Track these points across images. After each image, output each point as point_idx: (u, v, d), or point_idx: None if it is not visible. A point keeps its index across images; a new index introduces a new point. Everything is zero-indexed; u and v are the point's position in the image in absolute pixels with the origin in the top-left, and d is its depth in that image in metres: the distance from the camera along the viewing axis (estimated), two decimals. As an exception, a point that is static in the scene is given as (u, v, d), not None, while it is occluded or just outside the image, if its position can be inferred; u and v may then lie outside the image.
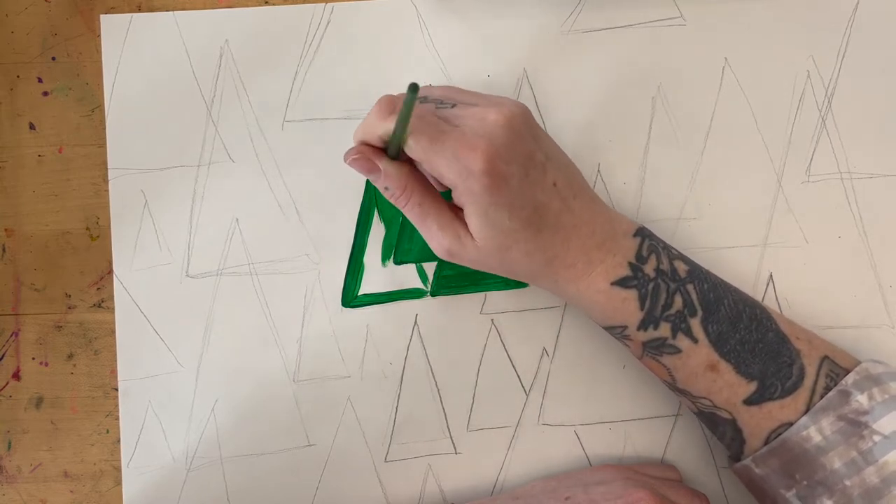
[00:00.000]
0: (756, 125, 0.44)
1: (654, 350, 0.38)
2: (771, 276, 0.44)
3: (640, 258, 0.38)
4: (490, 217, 0.36)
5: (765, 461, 0.37)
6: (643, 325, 0.37)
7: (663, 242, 0.39)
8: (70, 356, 0.45)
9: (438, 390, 0.44)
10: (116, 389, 0.44)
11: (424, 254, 0.44)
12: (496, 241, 0.36)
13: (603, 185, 0.44)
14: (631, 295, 0.37)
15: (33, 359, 0.45)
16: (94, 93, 0.45)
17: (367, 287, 0.44)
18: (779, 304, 0.44)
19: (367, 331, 0.44)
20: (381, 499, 0.44)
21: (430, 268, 0.44)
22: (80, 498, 0.45)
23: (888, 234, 0.44)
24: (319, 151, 0.45)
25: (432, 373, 0.44)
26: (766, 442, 0.37)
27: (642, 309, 0.37)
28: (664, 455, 0.44)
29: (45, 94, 0.45)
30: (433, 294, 0.44)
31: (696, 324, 0.37)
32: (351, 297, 0.44)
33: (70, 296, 0.45)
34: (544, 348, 0.44)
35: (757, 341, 0.37)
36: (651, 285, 0.37)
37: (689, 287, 0.37)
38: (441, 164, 0.35)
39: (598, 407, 0.44)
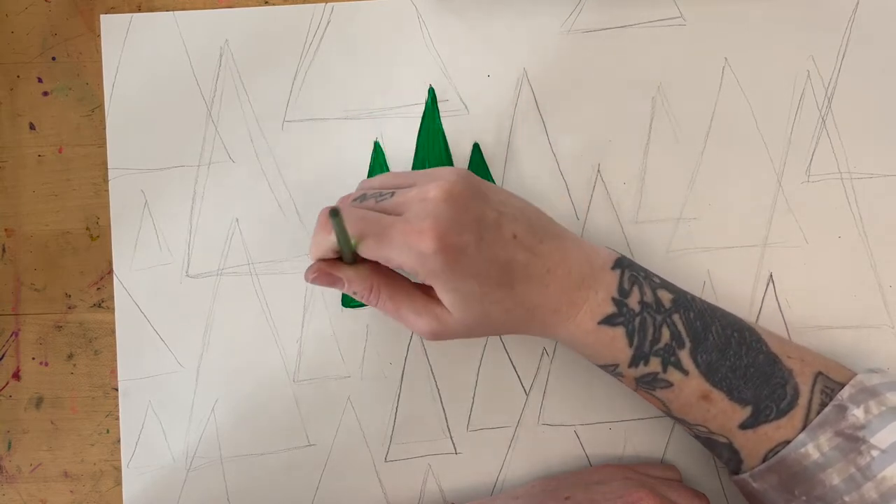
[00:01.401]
0: (756, 125, 0.44)
1: (647, 385, 0.38)
2: (771, 276, 0.44)
3: (623, 292, 0.37)
4: (460, 291, 0.36)
5: (763, 477, 0.37)
6: (633, 363, 0.37)
7: (644, 271, 0.39)
8: (70, 356, 0.45)
9: (438, 390, 0.44)
10: (116, 389, 0.44)
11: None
12: (473, 310, 0.36)
13: (603, 185, 0.44)
14: (619, 333, 0.37)
15: (33, 359, 0.45)
16: (94, 93, 0.45)
17: (367, 287, 0.44)
18: (779, 304, 0.44)
19: (367, 331, 0.44)
20: (381, 499, 0.44)
21: (430, 268, 0.44)
22: (80, 498, 0.45)
23: (888, 234, 0.44)
24: (319, 151, 0.45)
25: (432, 373, 0.44)
26: (764, 460, 0.37)
27: (631, 346, 0.37)
28: (664, 455, 0.44)
29: (45, 94, 0.45)
30: (433, 294, 0.44)
31: (685, 355, 0.37)
32: (351, 297, 0.44)
33: (70, 296, 0.45)
34: (544, 348, 0.44)
35: (748, 366, 0.37)
36: (637, 320, 0.37)
37: (676, 317, 0.37)
38: (395, 256, 0.35)
39: (598, 407, 0.44)
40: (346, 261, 0.38)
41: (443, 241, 0.34)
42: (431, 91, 0.45)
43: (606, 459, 0.44)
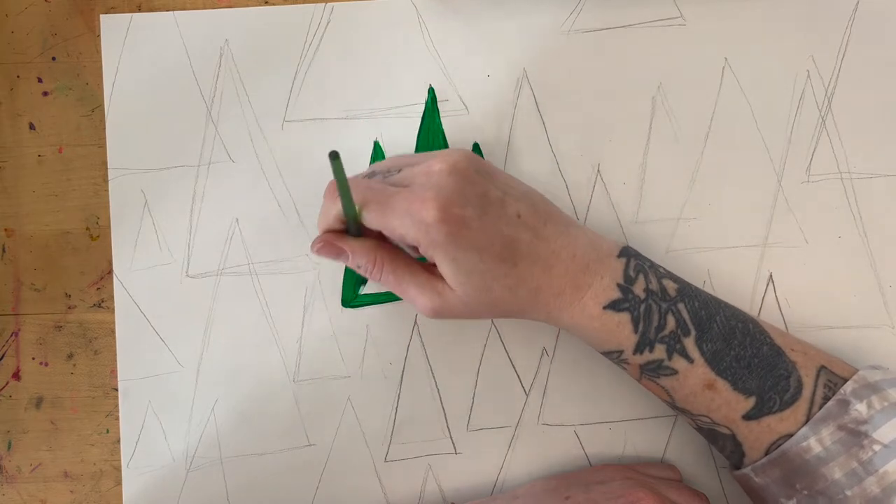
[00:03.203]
0: (756, 125, 0.44)
1: (652, 373, 0.38)
2: (771, 276, 0.44)
3: (629, 279, 0.37)
4: (461, 263, 0.36)
5: (765, 471, 0.37)
6: (638, 349, 0.37)
7: (650, 261, 0.39)
8: (70, 356, 0.45)
9: (438, 390, 0.44)
10: (116, 389, 0.44)
11: (424, 254, 0.44)
12: (474, 284, 0.36)
13: (603, 185, 0.44)
14: (624, 318, 0.37)
15: (33, 359, 0.45)
16: (94, 93, 0.45)
17: (366, 287, 0.44)
18: (779, 304, 0.44)
19: (367, 331, 0.44)
20: (381, 499, 0.44)
21: (430, 268, 0.44)
22: (80, 498, 0.45)
23: (888, 234, 0.44)
24: (319, 151, 0.45)
25: (432, 373, 0.44)
26: (767, 453, 0.37)
27: (636, 332, 0.37)
28: (664, 455, 0.44)
29: (45, 94, 0.45)
30: (433, 294, 0.44)
31: (690, 343, 0.37)
32: (351, 297, 0.44)
33: (70, 296, 0.45)
34: (544, 348, 0.44)
35: (752, 356, 0.37)
36: (643, 307, 0.37)
37: (681, 306, 0.37)
38: (397, 225, 0.35)
39: (598, 407, 0.44)
40: (350, 233, 0.38)
41: (445, 212, 0.35)
42: (431, 91, 0.45)
43: (606, 459, 0.44)
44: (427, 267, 0.38)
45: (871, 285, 0.44)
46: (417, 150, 0.45)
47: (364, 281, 0.44)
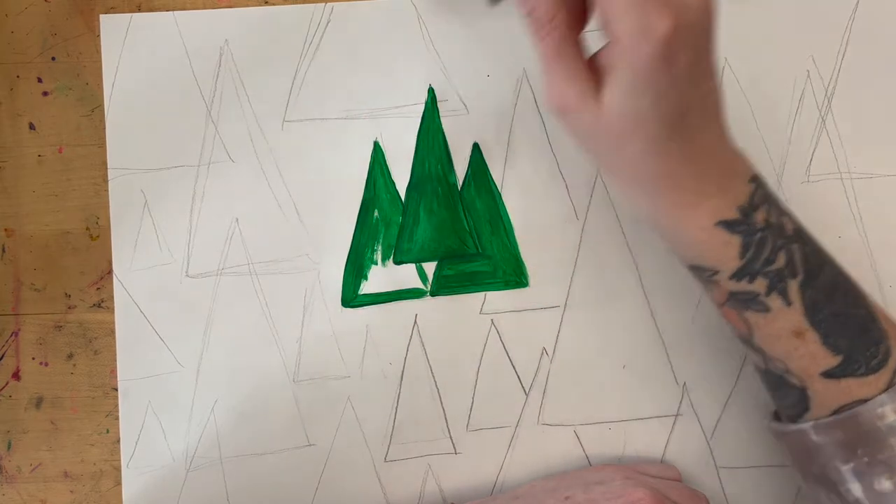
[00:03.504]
0: (756, 125, 0.44)
1: (741, 303, 0.36)
2: (771, 276, 0.44)
3: (752, 205, 0.35)
4: (637, 91, 0.31)
5: (827, 430, 0.35)
6: (738, 275, 0.35)
7: (775, 194, 0.37)
8: (70, 356, 0.45)
9: (438, 390, 0.44)
10: (116, 389, 0.44)
11: (424, 254, 0.44)
12: (624, 120, 0.32)
13: (603, 185, 0.44)
14: (734, 240, 0.35)
15: (33, 359, 0.45)
16: (94, 93, 0.45)
17: (366, 287, 0.44)
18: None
19: (367, 331, 0.44)
20: (381, 499, 0.44)
21: (429, 268, 0.44)
22: (80, 498, 0.45)
23: (888, 234, 0.44)
24: (319, 151, 0.45)
25: (432, 373, 0.44)
26: (833, 413, 0.35)
27: (742, 258, 0.35)
28: (664, 455, 0.44)
29: (45, 94, 0.45)
30: (433, 294, 0.44)
31: (794, 286, 0.35)
32: (351, 297, 0.44)
33: (70, 296, 0.45)
34: (544, 348, 0.44)
35: (849, 316, 0.35)
36: (758, 236, 0.35)
37: (795, 247, 0.35)
38: (621, 7, 0.30)
39: (597, 407, 0.44)
40: None
41: (677, 35, 0.30)
42: (431, 91, 0.45)
43: (606, 459, 0.44)
44: (589, 64, 0.33)
45: (870, 285, 0.44)
46: (417, 149, 0.45)
47: (364, 280, 0.44)
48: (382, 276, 0.44)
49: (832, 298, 0.35)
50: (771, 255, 0.35)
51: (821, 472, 0.36)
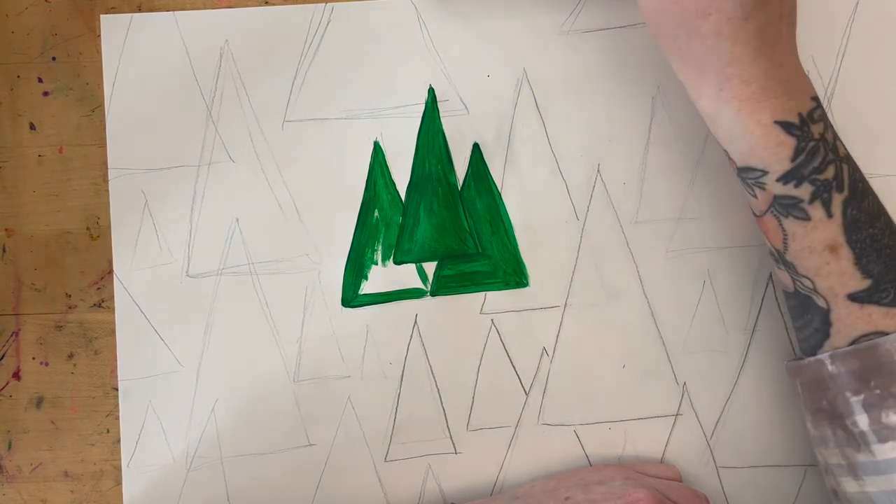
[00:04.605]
0: (756, 125, 0.44)
1: (783, 209, 0.36)
2: (771, 276, 0.44)
3: (812, 118, 0.36)
4: None
5: (844, 360, 0.35)
6: (785, 178, 0.35)
7: (830, 120, 0.37)
8: (70, 356, 0.45)
9: (438, 390, 0.44)
10: (116, 389, 0.44)
11: (424, 254, 0.44)
12: None
13: (603, 185, 0.44)
14: (789, 141, 0.35)
15: (33, 359, 0.45)
16: (95, 93, 0.45)
17: (367, 287, 0.44)
18: (779, 304, 0.44)
19: (367, 331, 0.44)
20: (381, 499, 0.44)
21: (430, 268, 0.44)
22: (81, 498, 0.45)
23: (888, 234, 0.44)
24: (319, 151, 0.45)
25: (432, 373, 0.44)
26: (852, 343, 0.35)
27: (793, 161, 0.35)
28: (664, 455, 0.44)
29: (46, 94, 0.45)
30: (433, 294, 0.44)
31: (837, 199, 0.35)
32: (351, 297, 0.44)
33: (70, 296, 0.45)
34: (544, 348, 0.44)
35: (886, 245, 0.35)
36: (811, 144, 0.35)
37: (844, 167, 0.36)
38: None
39: (597, 407, 0.44)
40: None
41: None
42: (431, 91, 0.45)
43: (606, 459, 0.44)
44: None
45: (871, 285, 0.44)
46: (417, 149, 0.45)
47: (364, 280, 0.44)
48: (383, 276, 0.44)
49: (873, 224, 0.36)
50: (821, 164, 0.35)
51: (830, 405, 0.36)
